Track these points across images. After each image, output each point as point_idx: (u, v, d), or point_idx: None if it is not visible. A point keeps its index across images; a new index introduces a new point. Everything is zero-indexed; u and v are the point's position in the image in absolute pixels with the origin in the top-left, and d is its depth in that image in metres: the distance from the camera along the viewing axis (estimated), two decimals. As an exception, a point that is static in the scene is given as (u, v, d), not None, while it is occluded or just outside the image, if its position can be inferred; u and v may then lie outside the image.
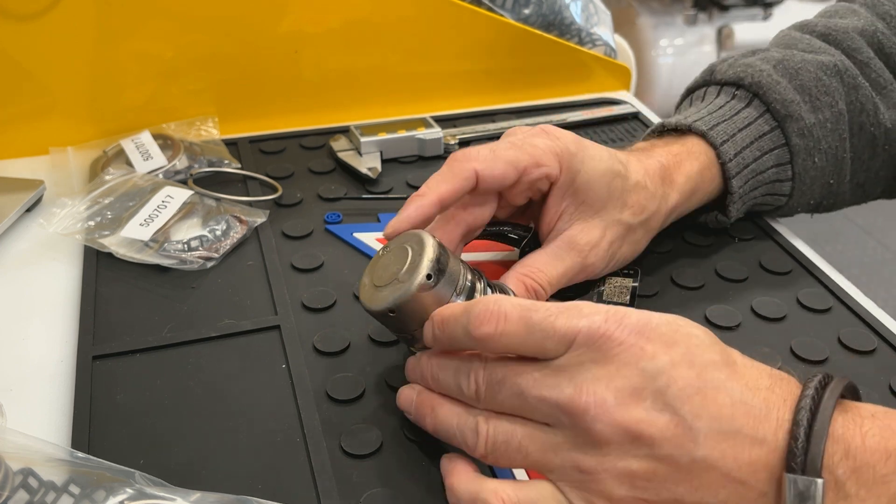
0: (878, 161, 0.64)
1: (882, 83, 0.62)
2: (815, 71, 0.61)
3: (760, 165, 0.60)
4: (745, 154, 0.59)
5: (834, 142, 0.61)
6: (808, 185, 0.62)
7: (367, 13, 0.79)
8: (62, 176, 0.71)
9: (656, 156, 0.58)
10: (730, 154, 0.59)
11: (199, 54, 0.76)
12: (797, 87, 0.60)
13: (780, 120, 0.60)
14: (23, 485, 0.40)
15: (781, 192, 0.62)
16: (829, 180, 0.62)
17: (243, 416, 0.48)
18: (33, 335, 0.55)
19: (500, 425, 0.40)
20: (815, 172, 0.61)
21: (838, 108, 0.61)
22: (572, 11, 0.91)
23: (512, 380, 0.40)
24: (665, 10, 2.24)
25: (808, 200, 0.63)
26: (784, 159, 0.61)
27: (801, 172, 0.61)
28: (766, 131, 0.60)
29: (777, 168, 0.61)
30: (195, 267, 0.60)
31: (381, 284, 0.45)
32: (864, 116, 0.62)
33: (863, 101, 0.61)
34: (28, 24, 0.70)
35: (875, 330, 0.55)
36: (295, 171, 0.73)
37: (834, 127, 0.61)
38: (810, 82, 0.61)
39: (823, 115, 0.61)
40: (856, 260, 2.04)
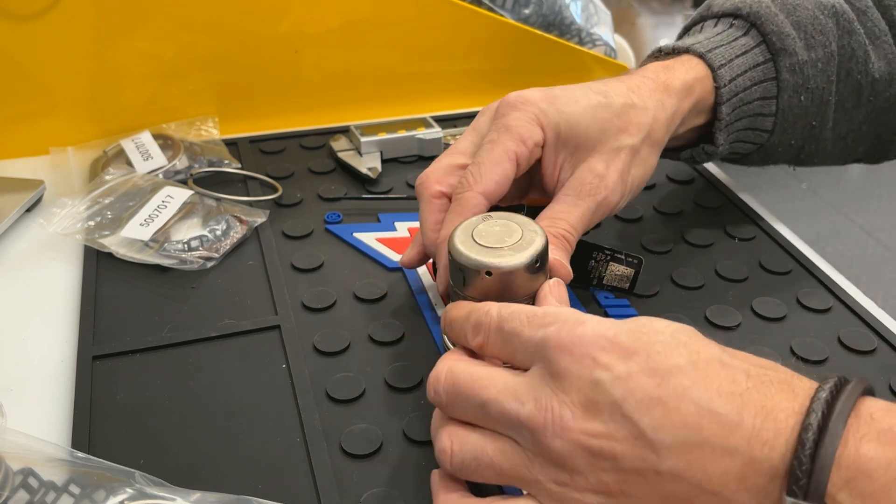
0: (861, 112, 0.63)
1: (877, 33, 0.62)
2: (812, 9, 0.61)
3: (748, 95, 0.60)
4: (738, 81, 0.59)
5: (822, 83, 0.61)
6: (791, 123, 0.61)
7: (367, 13, 0.79)
8: (62, 176, 0.71)
9: (645, 71, 0.57)
10: (725, 79, 0.58)
11: (200, 54, 0.76)
12: (793, 22, 0.60)
13: (775, 53, 0.60)
14: (23, 485, 0.40)
15: (763, 127, 0.61)
16: (811, 121, 0.62)
17: (243, 416, 0.48)
18: (33, 335, 0.55)
19: (468, 439, 0.39)
20: (798, 111, 0.61)
21: (831, 48, 0.61)
22: (572, 11, 0.91)
23: (474, 391, 0.39)
24: (665, 10, 2.24)
25: (790, 140, 0.62)
26: (770, 93, 0.60)
27: (784, 109, 0.60)
28: (759, 62, 0.60)
29: (762, 101, 0.60)
30: (195, 267, 0.60)
31: (486, 245, 0.45)
32: (854, 63, 0.61)
33: (854, 47, 0.61)
34: (28, 24, 0.70)
35: (875, 330, 0.55)
36: (295, 171, 0.73)
37: (824, 67, 0.61)
38: (807, 19, 0.61)
39: (816, 53, 0.60)
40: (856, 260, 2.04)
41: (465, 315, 0.43)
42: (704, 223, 0.66)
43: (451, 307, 0.45)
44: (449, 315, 0.45)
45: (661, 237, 0.64)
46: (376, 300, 0.57)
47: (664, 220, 0.66)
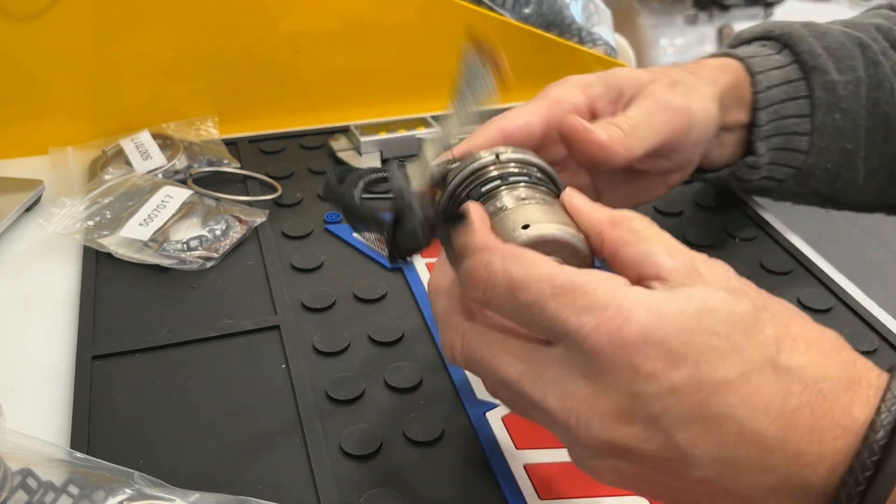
0: (890, 146, 0.63)
1: None
2: (839, 37, 0.62)
3: (783, 109, 0.60)
4: (774, 92, 0.59)
5: (853, 105, 0.61)
6: (826, 143, 0.61)
7: (367, 13, 0.78)
8: (61, 176, 0.71)
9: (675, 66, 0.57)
10: (762, 85, 0.59)
11: (199, 54, 0.76)
12: (823, 46, 0.61)
13: (808, 71, 0.60)
14: (22, 485, 0.40)
15: (799, 146, 0.61)
16: (846, 144, 0.62)
17: (243, 417, 0.48)
18: (32, 335, 0.55)
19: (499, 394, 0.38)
20: (833, 131, 0.61)
21: (858, 74, 0.61)
22: (572, 11, 0.91)
23: (493, 366, 0.36)
24: (665, 9, 2.24)
25: (826, 164, 0.62)
26: (804, 111, 0.60)
27: (820, 127, 0.60)
28: (793, 78, 0.60)
29: (796, 119, 0.60)
30: (194, 267, 0.60)
31: None
32: (881, 93, 0.62)
33: (881, 78, 0.62)
34: (27, 24, 0.70)
35: (876, 330, 0.54)
36: (295, 170, 0.73)
37: (854, 90, 0.61)
38: (835, 45, 0.61)
39: (846, 76, 0.61)
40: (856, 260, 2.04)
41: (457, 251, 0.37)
42: (704, 223, 0.66)
43: None
44: None
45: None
46: (376, 300, 0.57)
47: (664, 220, 0.66)
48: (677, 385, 0.32)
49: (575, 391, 0.33)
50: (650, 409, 0.32)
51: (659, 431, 0.32)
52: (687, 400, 0.32)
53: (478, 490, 0.44)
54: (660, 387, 0.32)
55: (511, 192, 0.40)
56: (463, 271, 0.36)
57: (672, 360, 0.32)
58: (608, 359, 0.32)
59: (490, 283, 0.35)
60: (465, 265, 0.36)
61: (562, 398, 0.34)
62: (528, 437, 0.46)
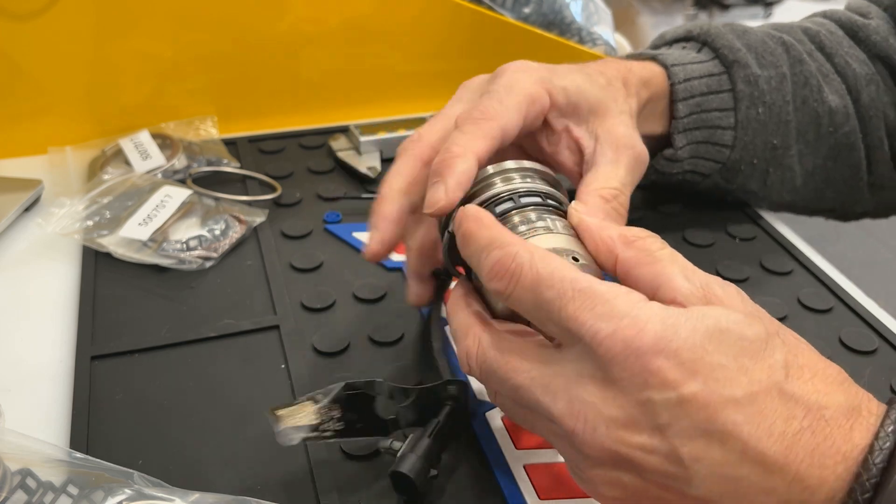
0: (823, 146, 0.63)
1: (825, 71, 0.63)
2: (761, 36, 0.63)
3: (705, 102, 0.60)
4: (693, 84, 0.59)
5: (777, 100, 0.61)
6: (751, 137, 0.61)
7: (367, 12, 0.78)
8: (60, 175, 0.71)
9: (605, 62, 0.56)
10: (679, 76, 0.59)
11: (199, 53, 0.76)
12: (744, 43, 0.62)
13: (728, 65, 0.60)
14: (21, 485, 0.40)
15: (723, 140, 0.61)
16: (772, 139, 0.62)
17: (242, 417, 0.48)
18: (32, 335, 0.55)
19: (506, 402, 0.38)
20: (757, 125, 0.61)
21: (782, 70, 0.61)
22: (572, 10, 0.91)
23: (506, 373, 0.37)
24: (666, 8, 2.24)
25: (752, 159, 0.62)
26: (728, 105, 0.60)
27: (743, 120, 0.60)
28: (714, 73, 0.60)
29: (719, 112, 0.60)
30: (194, 267, 0.60)
31: None
32: (808, 90, 0.62)
33: (807, 76, 0.62)
34: (26, 24, 0.70)
35: (876, 330, 0.54)
36: (294, 170, 0.72)
37: (777, 86, 0.61)
38: (756, 42, 0.62)
39: (768, 72, 0.61)
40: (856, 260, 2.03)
41: (484, 242, 0.37)
42: (704, 223, 0.66)
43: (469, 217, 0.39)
44: (466, 227, 0.39)
45: (661, 237, 0.63)
46: (376, 300, 0.57)
47: (664, 220, 0.66)
48: (686, 397, 0.32)
49: (584, 396, 0.34)
50: (658, 418, 0.32)
51: (664, 442, 0.33)
52: (694, 413, 0.32)
53: (478, 490, 0.44)
54: (669, 396, 0.32)
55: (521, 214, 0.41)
56: (488, 262, 0.37)
57: (683, 373, 0.32)
58: (621, 365, 0.33)
59: (516, 274, 0.35)
60: (492, 255, 0.36)
61: (570, 402, 0.34)
62: (528, 437, 0.46)
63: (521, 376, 0.36)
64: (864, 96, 0.63)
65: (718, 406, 0.32)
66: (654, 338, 0.33)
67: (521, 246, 0.36)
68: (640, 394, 0.33)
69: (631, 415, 0.33)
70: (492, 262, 0.36)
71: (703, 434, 0.32)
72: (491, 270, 0.36)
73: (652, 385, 0.32)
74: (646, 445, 0.33)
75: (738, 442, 0.32)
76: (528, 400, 0.36)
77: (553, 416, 0.35)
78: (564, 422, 0.34)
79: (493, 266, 0.36)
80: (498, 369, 0.37)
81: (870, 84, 0.63)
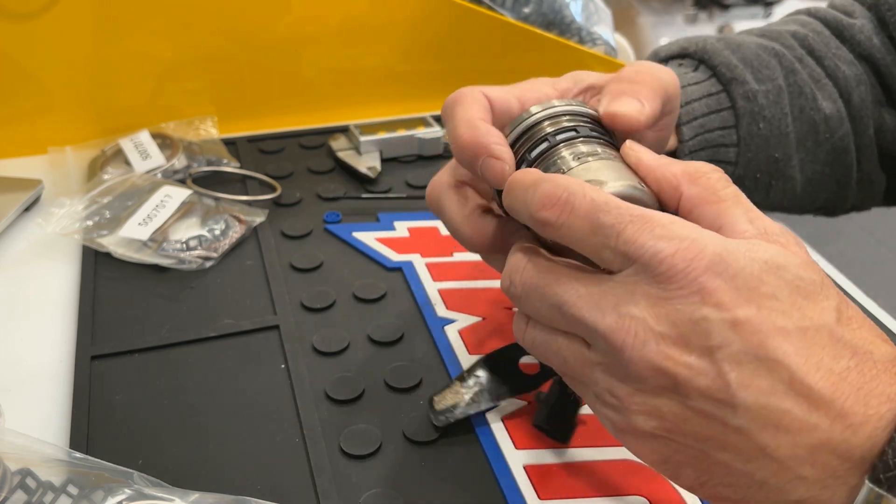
0: (822, 152, 0.63)
1: (816, 76, 0.63)
2: (755, 48, 0.62)
3: (707, 123, 0.60)
4: (694, 106, 0.59)
5: (776, 113, 0.61)
6: (754, 152, 0.61)
7: (367, 12, 0.78)
8: (60, 175, 0.71)
9: None
10: (681, 100, 0.57)
11: (198, 53, 0.76)
12: (739, 58, 0.61)
13: (726, 83, 0.60)
14: (21, 485, 0.40)
15: (726, 158, 0.61)
16: (773, 153, 0.62)
17: (242, 417, 0.48)
18: (32, 335, 0.55)
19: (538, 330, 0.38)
20: (759, 140, 0.61)
21: (778, 82, 0.61)
22: (572, 10, 0.91)
23: (553, 289, 0.36)
24: (665, 8, 2.24)
25: (755, 173, 0.62)
26: (729, 122, 0.60)
27: (745, 137, 0.60)
28: (713, 92, 0.60)
29: (722, 131, 0.60)
30: (194, 267, 0.60)
31: None
32: (804, 100, 0.62)
33: (801, 85, 0.62)
34: (27, 24, 0.70)
35: (876, 330, 0.54)
36: (294, 170, 0.72)
37: (776, 99, 0.61)
38: (751, 56, 0.62)
39: (765, 86, 0.61)
40: (856, 260, 2.04)
41: (529, 182, 0.37)
42: (705, 223, 0.66)
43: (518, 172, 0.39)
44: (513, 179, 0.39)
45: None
46: (376, 300, 0.57)
47: (664, 219, 0.66)
48: (739, 320, 0.32)
49: (636, 312, 0.34)
50: (710, 339, 0.33)
51: (713, 365, 0.33)
52: (746, 338, 0.32)
53: (478, 490, 0.44)
54: (724, 317, 0.33)
55: (570, 149, 0.40)
56: (537, 196, 0.36)
57: (738, 298, 0.33)
58: (679, 283, 0.33)
59: (569, 203, 0.36)
60: (540, 189, 0.36)
61: (620, 317, 0.34)
62: (528, 437, 0.46)
63: (568, 293, 0.36)
64: (854, 97, 0.63)
65: (770, 333, 0.32)
66: (714, 259, 0.33)
67: (571, 179, 0.37)
68: (694, 312, 0.33)
69: (683, 333, 0.33)
70: (541, 193, 0.36)
71: (752, 360, 0.32)
72: (541, 201, 0.36)
73: (707, 304, 0.33)
74: (694, 365, 0.33)
75: (787, 372, 0.32)
76: (572, 317, 0.36)
77: (599, 331, 0.34)
78: (613, 336, 0.34)
79: (543, 197, 0.36)
80: (544, 286, 0.37)
81: (860, 85, 0.63)
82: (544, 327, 0.38)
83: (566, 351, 0.37)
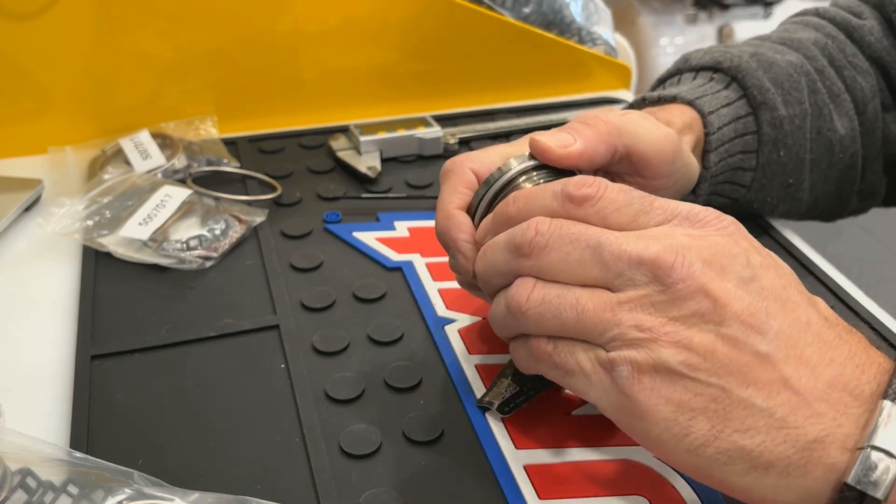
0: (834, 172, 0.63)
1: (836, 91, 0.62)
2: (786, 67, 0.61)
3: (732, 147, 0.59)
4: (724, 131, 0.58)
5: (799, 139, 0.60)
6: (769, 179, 0.61)
7: (367, 12, 0.78)
8: (60, 175, 0.71)
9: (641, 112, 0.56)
10: (714, 125, 0.58)
11: (199, 53, 0.76)
12: (771, 79, 0.60)
13: (756, 107, 0.59)
14: (21, 485, 0.40)
15: (742, 181, 0.61)
16: (788, 179, 0.61)
17: (242, 416, 0.48)
18: (31, 335, 0.55)
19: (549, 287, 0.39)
20: (776, 167, 0.60)
21: (804, 105, 0.61)
22: (572, 10, 0.91)
23: (589, 232, 0.39)
24: (665, 8, 2.24)
25: (766, 197, 0.62)
26: (751, 147, 0.60)
27: (764, 164, 0.60)
28: (741, 115, 0.59)
29: (743, 155, 0.60)
30: (194, 266, 0.60)
31: None
32: (822, 121, 0.61)
33: (820, 105, 0.61)
34: (26, 23, 0.70)
35: (876, 330, 0.54)
36: (294, 170, 0.72)
37: (800, 124, 0.60)
38: (783, 76, 0.61)
39: (793, 110, 0.60)
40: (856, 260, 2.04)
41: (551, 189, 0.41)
42: (705, 223, 0.66)
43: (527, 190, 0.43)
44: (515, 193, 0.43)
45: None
46: (376, 300, 0.57)
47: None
48: (766, 264, 0.38)
49: (680, 242, 0.37)
50: (744, 272, 0.37)
51: (748, 293, 0.37)
52: (773, 280, 0.38)
53: (478, 490, 0.44)
54: (753, 260, 0.38)
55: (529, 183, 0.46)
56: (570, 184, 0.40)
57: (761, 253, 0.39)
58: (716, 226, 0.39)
59: (602, 183, 0.40)
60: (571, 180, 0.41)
61: (668, 245, 0.37)
62: (528, 437, 0.46)
63: (605, 235, 0.38)
64: (869, 109, 0.62)
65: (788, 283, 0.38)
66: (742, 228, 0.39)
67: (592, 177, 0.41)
68: (732, 247, 0.38)
69: (723, 264, 0.37)
70: (575, 181, 0.40)
71: (778, 298, 0.37)
72: (577, 183, 0.40)
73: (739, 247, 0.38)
74: (732, 291, 0.36)
75: (805, 314, 0.37)
76: (612, 255, 0.38)
77: (645, 259, 0.37)
78: (661, 259, 0.37)
79: (579, 181, 0.40)
80: (580, 231, 0.39)
81: (874, 97, 0.62)
82: (557, 284, 0.39)
83: (585, 299, 0.38)
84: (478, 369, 0.51)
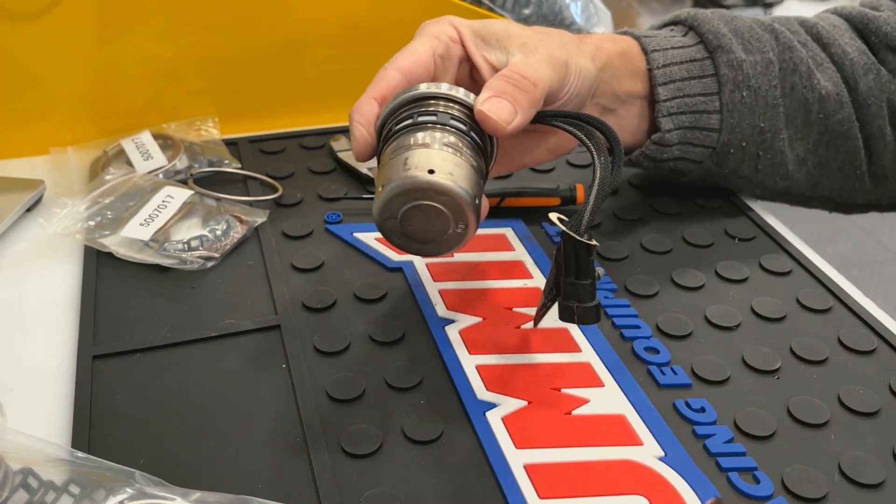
0: (813, 132, 0.64)
1: (818, 59, 0.64)
2: (749, 23, 0.64)
3: (687, 87, 0.61)
4: (673, 69, 0.61)
5: (763, 84, 0.62)
6: (737, 119, 0.62)
7: (368, 13, 0.79)
8: (62, 176, 0.71)
9: None
10: (658, 62, 0.61)
11: (200, 54, 0.76)
12: (730, 29, 0.63)
13: (712, 50, 0.62)
14: (23, 484, 0.40)
15: (710, 125, 0.62)
16: (759, 122, 0.62)
17: (243, 416, 0.48)
18: (33, 335, 0.55)
19: None
20: (743, 108, 0.62)
21: (768, 56, 0.63)
22: (572, 11, 0.91)
23: None
24: (665, 9, 2.24)
25: (741, 141, 0.63)
26: (711, 89, 0.62)
27: (728, 104, 0.62)
28: (697, 58, 0.62)
29: (703, 97, 0.62)
30: (195, 267, 0.60)
31: None
32: (797, 77, 0.63)
33: (796, 62, 0.63)
34: (29, 24, 0.70)
35: (875, 330, 0.55)
36: (295, 171, 0.73)
37: (764, 70, 0.62)
38: (743, 28, 0.63)
39: (754, 57, 0.62)
40: (856, 260, 2.04)
41: None
42: (704, 224, 0.66)
43: None
44: None
45: (660, 237, 0.64)
46: (376, 300, 0.57)
47: (664, 220, 0.66)
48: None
49: None
50: None
51: None
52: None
53: (478, 490, 0.44)
54: None
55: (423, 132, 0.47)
56: None
57: None
58: None
59: None
60: None
61: None
62: (528, 437, 0.46)
63: None
64: (861, 85, 0.63)
65: None
66: None
67: None
68: None
69: None
70: None
71: None
72: None
73: None
74: None
75: None
76: None
77: None
78: None
79: None
80: None
81: (868, 73, 0.63)
82: None
83: None
84: (478, 369, 0.51)
